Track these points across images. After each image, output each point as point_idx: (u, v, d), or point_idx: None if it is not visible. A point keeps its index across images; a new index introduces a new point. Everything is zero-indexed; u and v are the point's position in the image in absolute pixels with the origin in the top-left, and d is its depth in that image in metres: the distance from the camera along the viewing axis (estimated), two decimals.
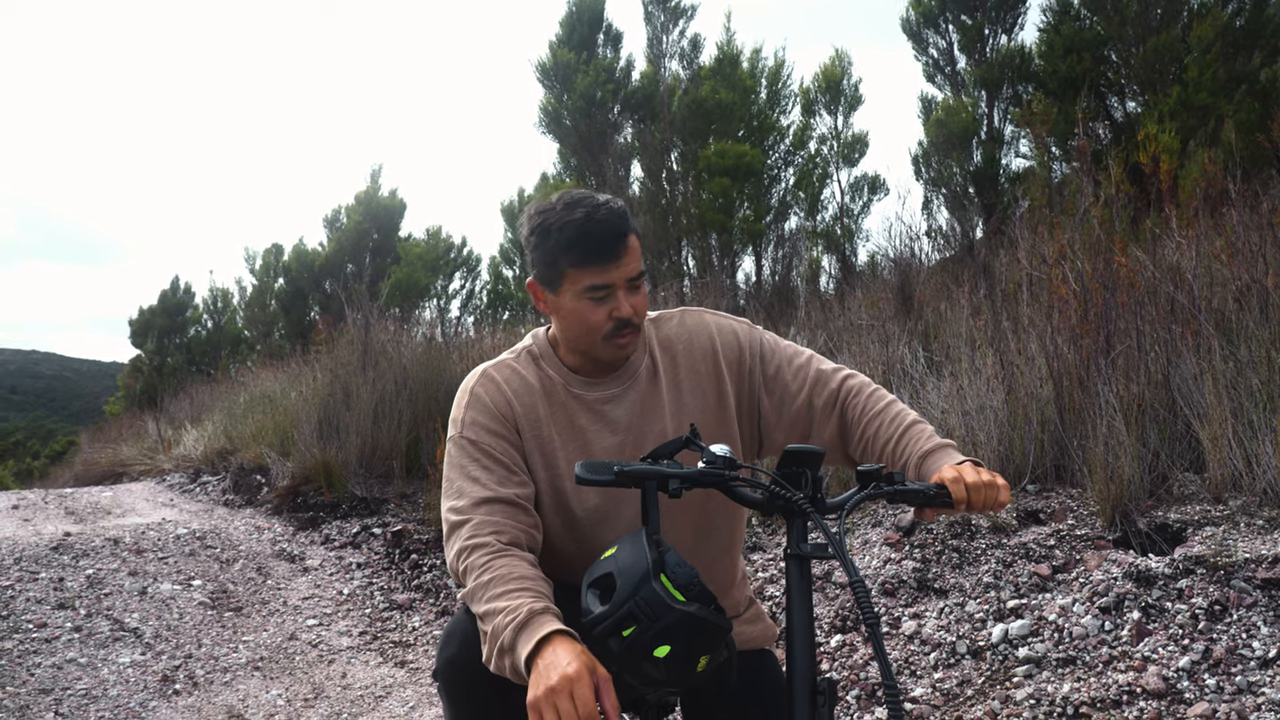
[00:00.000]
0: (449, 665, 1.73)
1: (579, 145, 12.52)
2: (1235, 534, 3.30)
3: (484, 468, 1.79)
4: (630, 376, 1.90)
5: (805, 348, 2.01)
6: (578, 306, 1.79)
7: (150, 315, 22.44)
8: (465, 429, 1.84)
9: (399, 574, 5.36)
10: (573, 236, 1.74)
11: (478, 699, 1.66)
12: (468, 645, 1.66)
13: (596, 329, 1.79)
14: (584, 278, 1.76)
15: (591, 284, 1.75)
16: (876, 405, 1.88)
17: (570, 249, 1.75)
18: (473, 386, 1.89)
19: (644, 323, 1.87)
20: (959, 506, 1.60)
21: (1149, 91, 8.94)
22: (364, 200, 18.02)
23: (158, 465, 9.96)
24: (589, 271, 1.75)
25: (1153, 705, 2.75)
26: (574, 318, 1.80)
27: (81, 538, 5.78)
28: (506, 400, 1.86)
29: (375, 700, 3.94)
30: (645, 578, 1.42)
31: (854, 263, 11.03)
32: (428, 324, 10.16)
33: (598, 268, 1.75)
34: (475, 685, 1.66)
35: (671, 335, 1.96)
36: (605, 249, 1.74)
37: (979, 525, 3.83)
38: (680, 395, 1.91)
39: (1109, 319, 4.24)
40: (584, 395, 1.89)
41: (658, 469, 1.52)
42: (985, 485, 1.61)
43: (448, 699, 1.73)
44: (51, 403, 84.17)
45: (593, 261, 1.74)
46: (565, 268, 1.77)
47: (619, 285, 1.77)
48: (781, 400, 1.92)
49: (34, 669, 4.07)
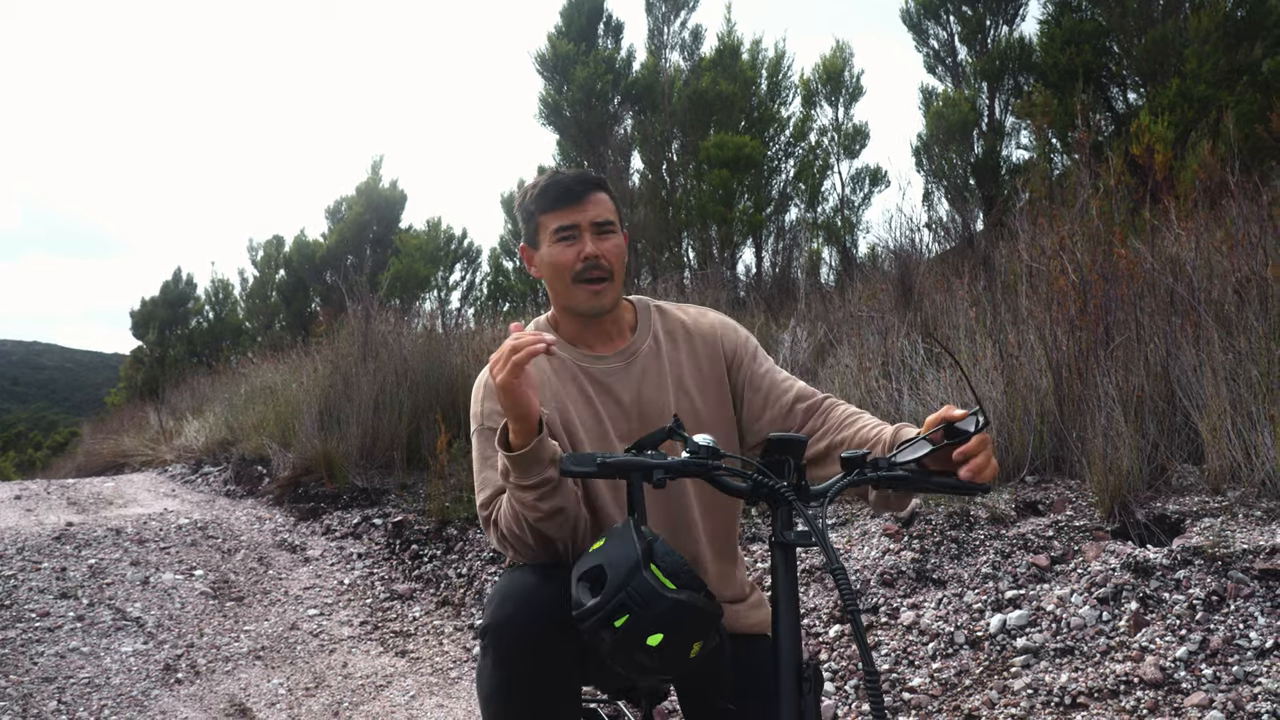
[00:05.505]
0: (502, 625, 1.69)
1: (579, 136, 12.49)
2: (1233, 525, 3.31)
3: None
4: (632, 353, 2.02)
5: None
6: (550, 251, 1.96)
7: (152, 306, 22.42)
8: (486, 419, 1.93)
9: (399, 564, 5.38)
10: (543, 186, 1.98)
11: (525, 658, 1.66)
12: (519, 604, 1.68)
13: (566, 269, 1.95)
14: (551, 221, 1.96)
15: (559, 225, 1.95)
16: (854, 409, 1.96)
17: (540, 197, 1.98)
18: (487, 380, 1.96)
19: (619, 276, 1.99)
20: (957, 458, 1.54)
21: (1150, 83, 8.93)
22: (365, 192, 18.00)
23: (159, 456, 9.98)
24: (555, 214, 1.96)
25: (1150, 695, 2.77)
26: (550, 265, 1.97)
27: (84, 528, 5.80)
28: None
29: (376, 689, 3.96)
30: (635, 568, 1.44)
31: (854, 255, 11.02)
32: (428, 315, 10.16)
33: (562, 209, 1.95)
34: (524, 645, 1.66)
35: (676, 321, 2.09)
36: (568, 193, 1.95)
37: (977, 516, 3.84)
38: (681, 375, 2.01)
39: (1108, 311, 4.24)
40: (590, 369, 1.99)
41: (641, 460, 1.53)
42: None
43: (494, 658, 1.69)
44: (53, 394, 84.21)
45: (557, 204, 1.95)
46: (538, 216, 1.98)
47: (584, 228, 1.94)
48: (767, 398, 2.01)
49: (37, 658, 4.09)
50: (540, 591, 1.67)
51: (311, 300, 18.37)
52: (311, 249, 18.53)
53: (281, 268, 19.61)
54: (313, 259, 18.35)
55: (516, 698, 1.69)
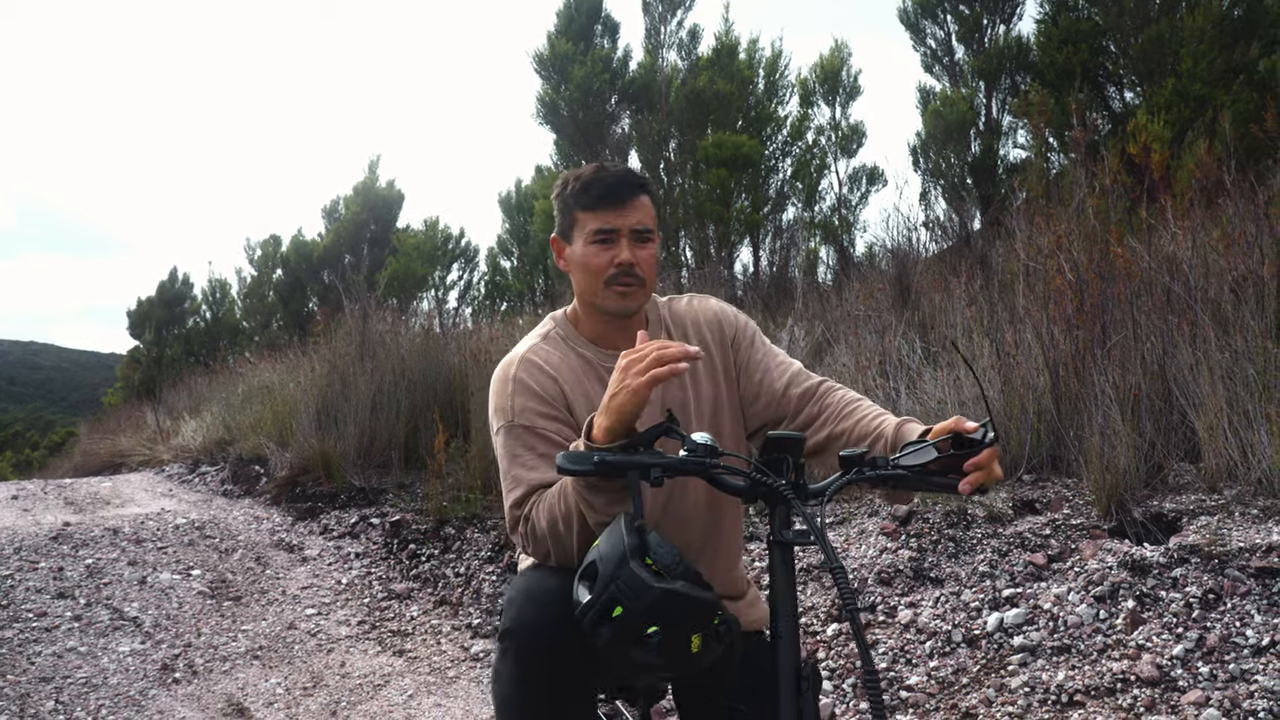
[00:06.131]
0: (524, 627, 1.67)
1: (576, 136, 12.48)
2: (1230, 523, 3.32)
3: (539, 455, 1.84)
4: None
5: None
6: (585, 252, 1.92)
7: (149, 306, 22.40)
8: (518, 416, 1.89)
9: (397, 564, 5.38)
10: (586, 182, 1.92)
11: (545, 660, 1.65)
12: (542, 607, 1.67)
13: (599, 272, 1.90)
14: (591, 221, 1.90)
15: (598, 227, 1.89)
16: (851, 396, 1.95)
17: (583, 193, 1.92)
18: (515, 374, 1.93)
19: (650, 284, 1.95)
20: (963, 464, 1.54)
21: (1146, 82, 8.94)
22: (362, 191, 17.98)
23: (156, 456, 9.97)
24: (595, 215, 1.90)
25: (1147, 693, 2.77)
26: (582, 265, 1.93)
27: (81, 527, 5.80)
28: (551, 379, 1.93)
29: (374, 689, 3.96)
30: (623, 560, 1.45)
31: (851, 254, 11.02)
32: (425, 315, 10.17)
33: (604, 211, 1.89)
34: (545, 648, 1.65)
35: (682, 311, 2.08)
36: (612, 194, 1.89)
37: (975, 515, 3.85)
38: (695, 367, 2.00)
39: (1105, 309, 4.25)
40: (613, 368, 1.94)
41: (639, 458, 1.54)
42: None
43: (514, 660, 1.68)
44: (50, 394, 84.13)
45: (599, 205, 1.90)
46: (576, 211, 1.93)
47: (623, 233, 1.89)
48: (762, 382, 2.00)
49: (34, 657, 4.09)
50: (562, 594, 1.64)
51: (309, 300, 18.35)
52: (309, 248, 18.52)
53: (279, 267, 19.59)
54: (310, 258, 18.34)
55: (534, 699, 1.68)
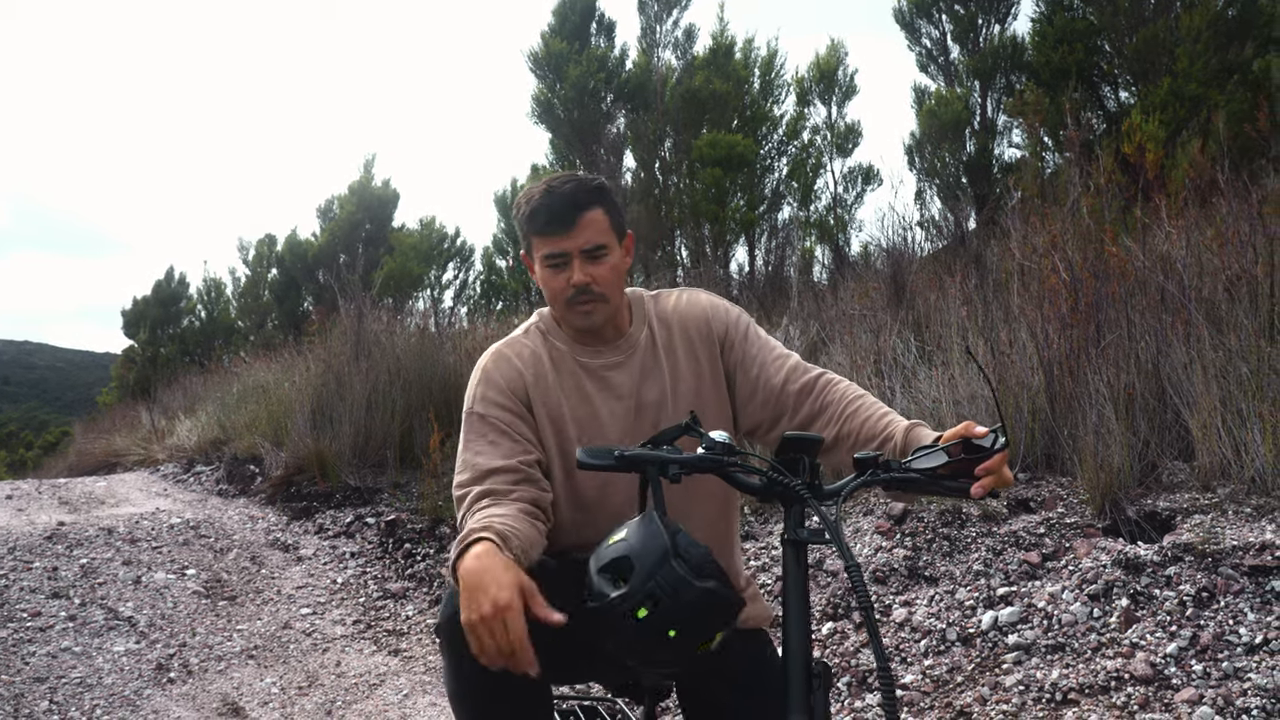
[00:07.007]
0: (451, 621, 1.67)
1: (571, 135, 12.48)
2: (1223, 522, 3.33)
3: (490, 442, 1.87)
4: (631, 346, 2.00)
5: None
6: (542, 275, 1.93)
7: (144, 306, 22.33)
8: (476, 404, 1.93)
9: (392, 563, 5.38)
10: (533, 208, 1.90)
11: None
12: None
13: (558, 295, 1.92)
14: (541, 245, 1.91)
15: (548, 252, 1.90)
16: (854, 392, 1.93)
17: (530, 220, 1.91)
18: (485, 364, 1.98)
19: (614, 294, 1.94)
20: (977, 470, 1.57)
21: (1141, 82, 8.96)
22: (357, 190, 17.95)
23: (151, 455, 9.95)
24: (544, 240, 1.90)
25: (1140, 691, 2.78)
26: (544, 284, 1.95)
27: (75, 527, 5.79)
28: (518, 372, 1.95)
29: (369, 688, 3.96)
30: (664, 557, 1.44)
31: (847, 253, 11.02)
32: (421, 314, 10.16)
33: (551, 237, 1.89)
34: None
35: (669, 309, 2.06)
36: (556, 220, 1.87)
37: (969, 514, 3.85)
38: (677, 364, 2.00)
39: (1099, 308, 4.26)
40: (589, 363, 1.98)
41: (657, 454, 1.55)
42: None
43: (450, 654, 1.70)
44: (45, 393, 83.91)
45: (545, 231, 1.89)
46: (530, 236, 1.94)
47: (574, 254, 1.88)
48: (759, 378, 1.98)
49: (28, 658, 4.08)
50: None
51: (304, 299, 18.32)
52: (304, 248, 18.48)
53: (274, 267, 19.55)
54: (305, 258, 18.30)
55: (479, 695, 1.68)
